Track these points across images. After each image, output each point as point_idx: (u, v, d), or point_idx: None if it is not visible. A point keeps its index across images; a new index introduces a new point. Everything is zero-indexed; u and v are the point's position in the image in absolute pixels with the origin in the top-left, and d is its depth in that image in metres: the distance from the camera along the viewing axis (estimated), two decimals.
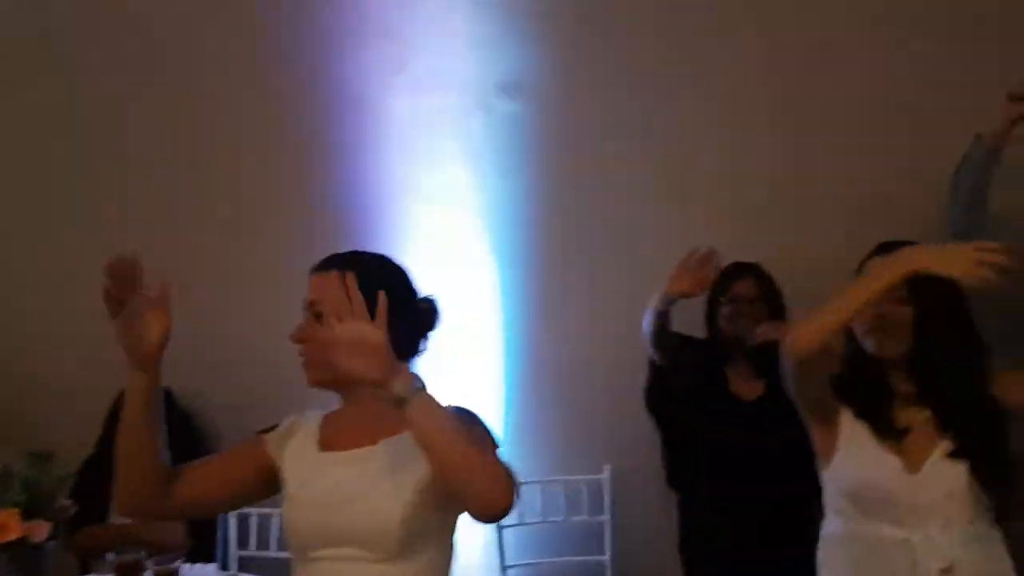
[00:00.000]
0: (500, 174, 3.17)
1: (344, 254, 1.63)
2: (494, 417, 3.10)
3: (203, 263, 3.19)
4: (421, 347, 1.65)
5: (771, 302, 2.65)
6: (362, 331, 1.38)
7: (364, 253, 1.65)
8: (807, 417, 1.95)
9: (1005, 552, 1.84)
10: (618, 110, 3.10)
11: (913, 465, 1.82)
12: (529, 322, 3.14)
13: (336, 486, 1.53)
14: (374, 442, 1.55)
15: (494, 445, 1.52)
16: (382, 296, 1.42)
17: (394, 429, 1.50)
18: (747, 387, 2.64)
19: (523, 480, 2.80)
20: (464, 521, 1.53)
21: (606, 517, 2.94)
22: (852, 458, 1.87)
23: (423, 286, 1.66)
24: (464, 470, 1.38)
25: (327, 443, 1.62)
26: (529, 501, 2.94)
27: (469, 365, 3.12)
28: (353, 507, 1.51)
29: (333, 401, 1.67)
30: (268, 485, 1.63)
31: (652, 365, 2.76)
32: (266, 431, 1.66)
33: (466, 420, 1.49)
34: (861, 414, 1.86)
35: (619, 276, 3.06)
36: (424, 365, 2.90)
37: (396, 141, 3.18)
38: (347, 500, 1.51)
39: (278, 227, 3.19)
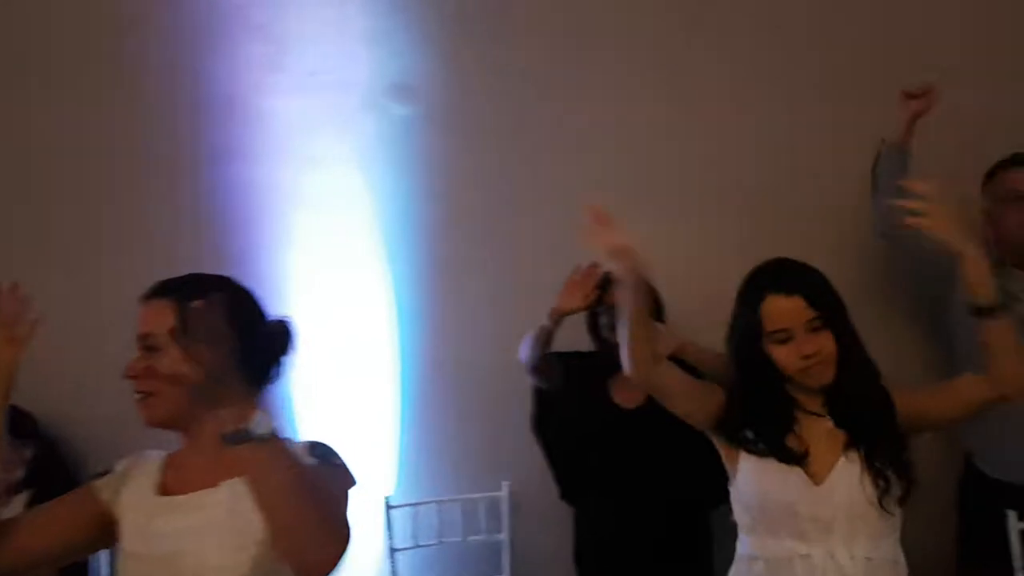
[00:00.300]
0: (393, 178, 3.03)
1: (177, 279, 1.49)
2: (388, 434, 2.98)
3: (70, 279, 2.92)
4: (274, 374, 1.52)
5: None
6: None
7: (202, 276, 1.50)
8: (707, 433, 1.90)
9: None
10: (515, 113, 3.01)
11: (816, 476, 1.78)
12: (425, 332, 3.02)
13: (170, 538, 1.39)
14: (216, 484, 1.41)
15: (346, 485, 1.42)
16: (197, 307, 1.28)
17: (238, 469, 1.35)
18: (629, 395, 2.60)
19: (419, 501, 2.80)
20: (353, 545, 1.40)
21: (504, 535, 2.83)
22: (754, 471, 1.82)
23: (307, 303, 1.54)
24: (293, 530, 1.25)
25: (166, 487, 1.47)
26: (425, 522, 2.81)
27: (361, 380, 2.99)
28: (186, 563, 1.37)
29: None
30: (104, 535, 1.47)
31: (537, 392, 2.71)
32: (100, 475, 1.51)
33: (319, 460, 1.39)
34: (760, 441, 1.82)
35: (518, 282, 2.96)
36: (315, 379, 2.93)
37: (276, 145, 3.00)
38: (179, 555, 1.37)
39: (148, 241, 2.94)
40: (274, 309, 1.57)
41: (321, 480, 1.34)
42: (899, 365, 2.04)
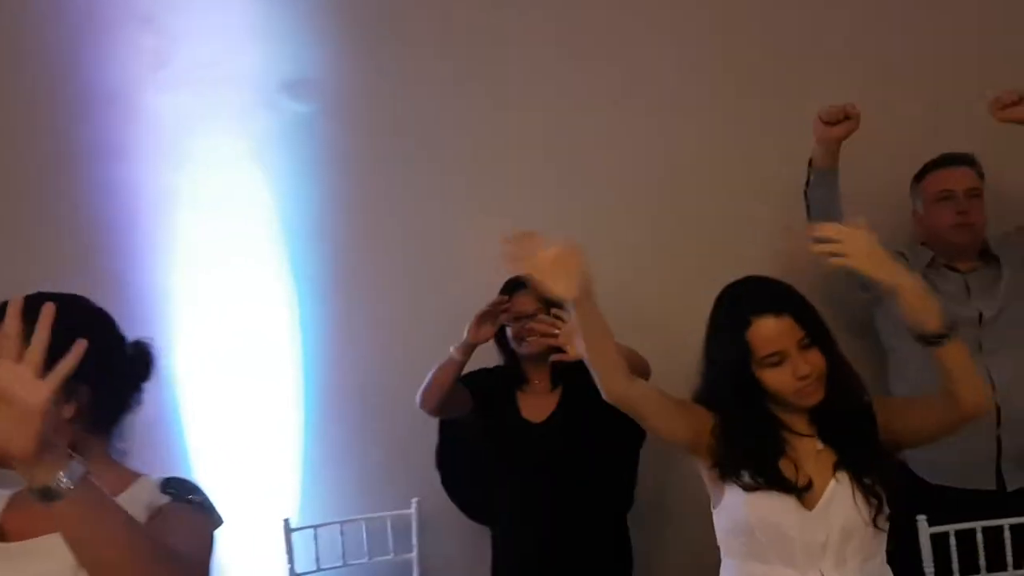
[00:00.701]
0: (291, 179, 2.86)
1: (23, 298, 1.29)
2: (290, 452, 2.80)
3: None
4: (133, 402, 1.37)
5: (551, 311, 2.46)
6: (17, 383, 1.04)
7: (50, 295, 1.29)
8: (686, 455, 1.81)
9: None
10: (420, 110, 2.86)
11: (808, 501, 1.69)
12: (329, 344, 2.85)
13: None
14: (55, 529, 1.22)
15: (207, 527, 1.27)
16: (79, 344, 1.09)
17: (56, 524, 1.17)
18: (538, 407, 2.48)
19: (321, 523, 2.63)
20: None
21: (414, 555, 2.67)
22: (745, 498, 1.71)
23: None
24: None
25: (5, 531, 1.29)
26: (329, 544, 2.63)
27: (261, 395, 2.81)
28: None
29: None
30: None
31: (442, 422, 2.58)
32: None
33: (172, 499, 1.25)
34: (758, 475, 1.71)
35: (429, 291, 2.83)
36: (209, 397, 2.75)
37: (163, 144, 2.80)
38: None
39: (25, 246, 2.72)
40: (154, 324, 1.40)
41: (163, 528, 1.19)
42: None
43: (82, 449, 1.22)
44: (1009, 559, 2.27)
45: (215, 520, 1.33)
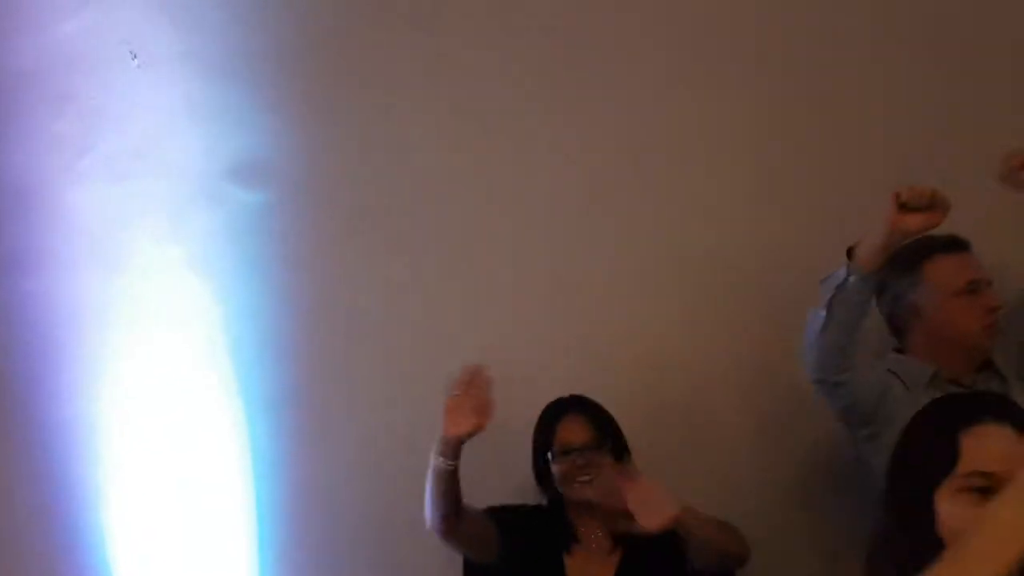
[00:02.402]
0: (240, 285, 2.46)
1: None
2: None
3: None
4: None
5: (611, 441, 2.06)
6: None
7: None
8: None
9: None
10: (391, 197, 2.45)
11: None
12: (287, 479, 2.41)
13: None
14: None
15: None
16: None
17: None
18: (594, 570, 2.02)
19: None
20: None
21: None
22: None
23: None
24: None
25: None
26: None
27: (207, 541, 2.38)
28: None
29: None
30: None
31: (466, 567, 2.12)
32: None
33: None
34: None
35: (402, 414, 2.37)
36: (147, 541, 2.32)
37: (85, 247, 2.41)
38: None
39: None
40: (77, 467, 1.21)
41: None
42: None
43: None
44: None
45: None
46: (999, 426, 1.17)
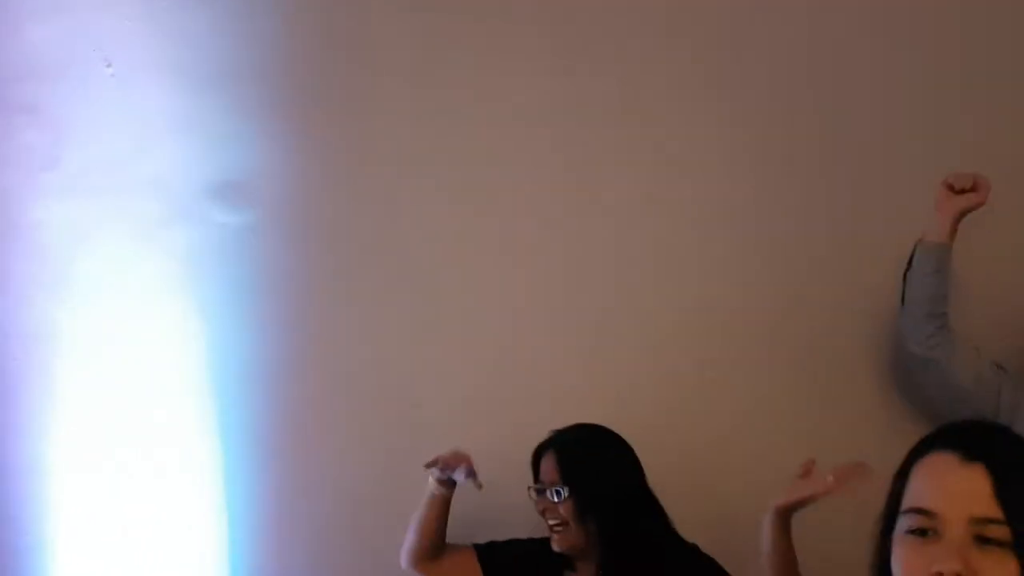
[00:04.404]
0: (219, 310, 2.29)
1: None
2: None
3: None
4: None
5: (579, 485, 1.94)
6: None
7: None
8: None
9: None
10: (380, 213, 2.31)
11: None
12: (266, 523, 2.23)
13: None
14: None
15: None
16: None
17: None
18: None
19: None
20: None
21: None
22: None
23: None
24: None
25: None
26: None
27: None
28: None
29: None
30: None
31: None
32: None
33: None
34: None
35: (395, 440, 2.23)
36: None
37: (49, 270, 2.23)
38: None
39: None
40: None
41: None
42: None
43: None
44: None
45: None
46: (944, 454, 1.06)
